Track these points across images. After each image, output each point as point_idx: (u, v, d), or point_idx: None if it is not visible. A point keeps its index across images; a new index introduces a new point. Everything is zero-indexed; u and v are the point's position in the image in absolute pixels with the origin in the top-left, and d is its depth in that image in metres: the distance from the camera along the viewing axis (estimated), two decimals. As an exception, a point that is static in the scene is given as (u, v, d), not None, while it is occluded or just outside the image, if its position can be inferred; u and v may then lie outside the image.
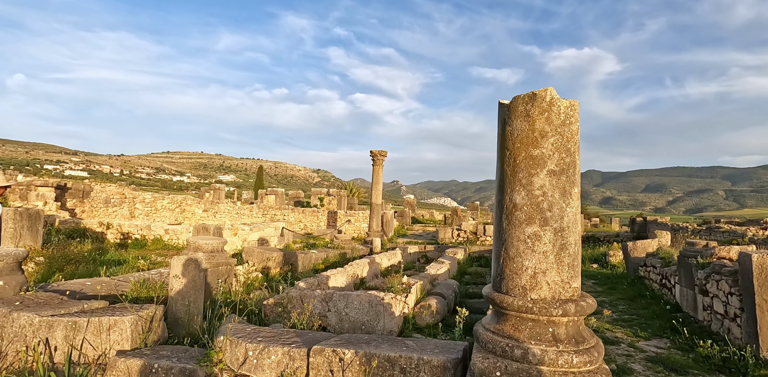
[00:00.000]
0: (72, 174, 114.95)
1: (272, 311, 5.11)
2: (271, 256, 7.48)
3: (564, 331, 1.93)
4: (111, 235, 11.85)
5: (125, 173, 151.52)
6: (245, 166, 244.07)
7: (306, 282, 5.92)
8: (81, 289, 4.29)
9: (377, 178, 12.83)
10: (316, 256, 8.82)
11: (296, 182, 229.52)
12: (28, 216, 7.25)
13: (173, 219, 18.92)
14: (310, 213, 18.00)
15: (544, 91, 1.97)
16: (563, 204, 1.96)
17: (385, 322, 4.69)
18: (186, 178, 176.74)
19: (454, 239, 15.97)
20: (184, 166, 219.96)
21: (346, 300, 4.87)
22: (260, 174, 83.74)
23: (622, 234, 22.95)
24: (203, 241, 5.81)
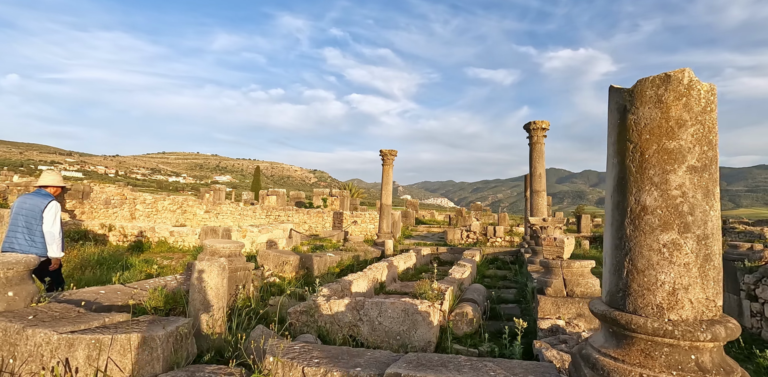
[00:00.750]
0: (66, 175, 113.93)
1: (298, 319, 4.78)
2: (288, 260, 7.15)
3: (709, 359, 1.61)
4: (113, 237, 11.47)
5: (120, 174, 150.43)
6: (241, 167, 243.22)
7: (329, 288, 5.59)
8: (95, 298, 3.95)
9: (387, 178, 12.51)
10: (330, 259, 8.49)
11: (293, 183, 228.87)
12: (31, 218, 6.87)
13: (174, 221, 18.52)
14: (315, 214, 17.66)
15: (680, 71, 1.66)
16: (706, 207, 1.64)
17: (423, 332, 4.37)
18: (182, 178, 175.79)
19: (463, 240, 15.67)
20: (180, 166, 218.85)
21: (379, 309, 4.54)
22: (257, 174, 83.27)
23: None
24: (221, 245, 5.47)
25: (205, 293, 4.15)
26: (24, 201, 4.46)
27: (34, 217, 4.41)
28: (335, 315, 4.67)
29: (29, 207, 4.43)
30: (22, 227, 4.39)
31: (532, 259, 6.71)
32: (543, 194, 9.07)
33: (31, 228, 4.40)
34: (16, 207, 4.46)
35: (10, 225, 4.45)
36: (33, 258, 3.32)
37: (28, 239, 4.39)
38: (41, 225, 4.42)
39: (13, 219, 4.44)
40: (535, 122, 9.06)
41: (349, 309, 4.64)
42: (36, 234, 4.42)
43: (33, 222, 4.41)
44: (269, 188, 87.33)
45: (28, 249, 4.34)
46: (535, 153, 9.21)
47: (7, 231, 4.45)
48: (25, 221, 4.40)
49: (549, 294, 4.15)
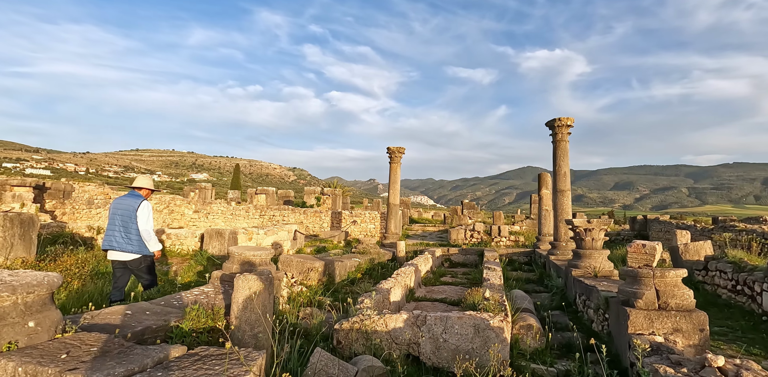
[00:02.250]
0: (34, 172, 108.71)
1: (347, 337, 4.23)
2: (314, 267, 6.56)
3: None
4: (102, 241, 10.57)
5: (91, 172, 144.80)
6: (219, 164, 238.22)
7: (370, 299, 5.05)
8: (124, 321, 3.30)
9: (395, 176, 11.99)
10: (350, 264, 7.93)
11: (271, 180, 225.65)
12: (20, 222, 6.07)
13: (161, 221, 17.53)
14: (312, 214, 16.98)
15: None
16: None
17: (496, 350, 3.89)
18: (156, 176, 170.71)
19: (467, 240, 15.31)
20: (155, 164, 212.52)
21: (444, 324, 4.04)
22: (237, 172, 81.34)
23: (623, 233, 22.94)
24: (251, 253, 4.86)
25: (252, 311, 3.56)
26: (119, 203, 4.80)
27: (129, 217, 4.69)
28: (392, 332, 4.14)
29: (124, 208, 4.73)
30: (119, 226, 4.71)
31: (575, 263, 6.33)
32: (568, 194, 8.73)
33: (126, 226, 4.70)
34: (112, 207, 4.80)
35: (108, 225, 4.79)
36: (56, 277, 2.67)
37: (125, 237, 4.70)
38: (136, 224, 4.70)
39: (110, 218, 4.76)
40: (560, 119, 8.71)
41: (409, 325, 4.13)
42: (131, 233, 4.70)
43: (128, 221, 4.69)
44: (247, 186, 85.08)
45: (125, 246, 4.70)
46: (559, 151, 8.86)
47: (107, 230, 4.82)
48: (121, 220, 4.70)
49: (639, 307, 3.72)
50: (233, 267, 4.86)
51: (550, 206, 11.37)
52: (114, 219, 4.73)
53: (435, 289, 7.75)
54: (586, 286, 5.41)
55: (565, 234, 8.67)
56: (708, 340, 3.64)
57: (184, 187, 30.80)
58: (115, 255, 4.78)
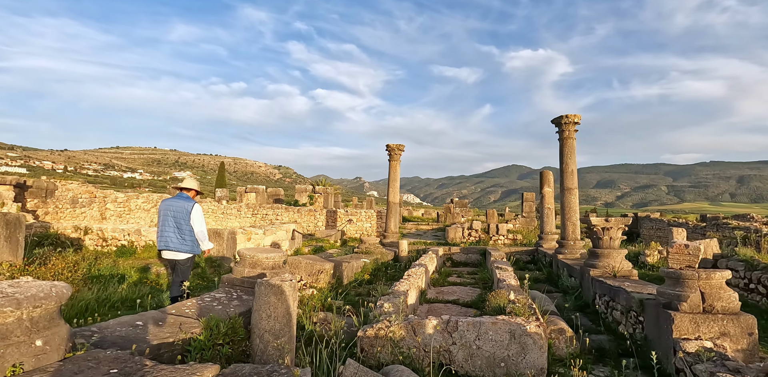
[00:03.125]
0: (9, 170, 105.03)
1: (371, 345, 3.96)
2: (324, 269, 6.25)
3: None
4: (90, 242, 10.07)
5: (69, 169, 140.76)
6: (202, 162, 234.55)
7: (390, 302, 4.79)
8: (136, 334, 2.97)
9: (394, 174, 11.73)
10: (356, 265, 7.65)
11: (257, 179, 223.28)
12: (6, 222, 5.63)
13: (149, 221, 16.95)
14: (306, 212, 16.61)
15: None
16: None
17: (534, 358, 3.67)
18: (138, 174, 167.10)
19: (465, 239, 15.16)
20: (136, 162, 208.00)
21: (477, 330, 3.80)
22: (222, 170, 79.91)
23: (614, 230, 23.15)
24: (263, 255, 4.54)
25: (276, 320, 3.27)
26: (170, 204, 4.89)
27: (182, 218, 4.83)
28: (420, 339, 3.89)
29: (177, 209, 4.86)
30: (172, 227, 4.84)
31: (592, 263, 6.17)
32: (575, 192, 8.60)
33: (180, 227, 4.83)
34: (163, 209, 4.88)
35: (161, 226, 4.86)
36: (64, 288, 2.34)
37: (179, 237, 4.84)
38: (189, 225, 4.87)
39: (163, 220, 4.86)
40: (567, 116, 8.57)
41: (439, 331, 3.88)
42: (185, 233, 4.85)
43: (182, 222, 4.84)
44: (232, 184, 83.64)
45: (180, 246, 4.84)
46: (566, 148, 8.72)
47: (160, 231, 4.87)
48: (174, 221, 4.83)
49: (684, 310, 3.55)
50: (245, 271, 4.54)
51: (552, 204, 11.27)
52: (167, 221, 4.85)
53: (444, 290, 7.53)
54: (610, 287, 5.24)
55: (573, 233, 8.54)
56: (757, 345, 3.49)
57: (167, 185, 29.97)
58: (170, 254, 4.92)
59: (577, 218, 8.54)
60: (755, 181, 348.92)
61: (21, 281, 2.36)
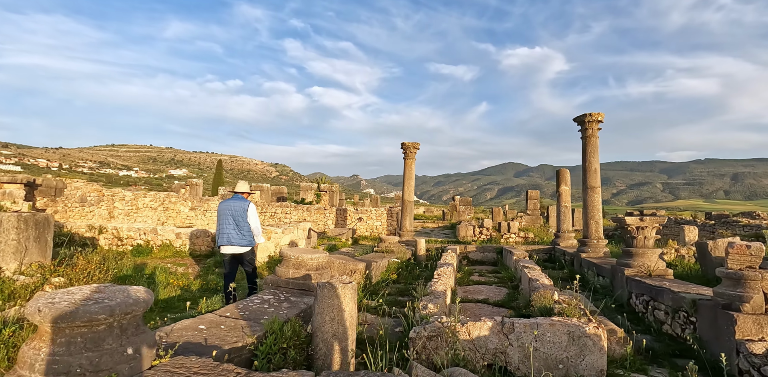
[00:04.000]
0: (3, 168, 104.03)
1: (424, 347, 3.91)
2: (357, 268, 6.18)
3: None
4: (105, 241, 9.95)
5: (64, 167, 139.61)
6: (198, 160, 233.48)
7: (433, 303, 4.74)
8: (206, 338, 2.89)
9: (409, 172, 11.67)
10: (382, 264, 7.58)
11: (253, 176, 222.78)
12: (35, 223, 5.51)
13: (156, 219, 16.80)
14: (315, 211, 16.51)
15: None
16: None
17: (593, 359, 3.63)
18: (134, 172, 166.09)
19: (476, 237, 15.13)
20: (131, 159, 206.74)
21: (534, 332, 3.76)
22: (219, 168, 79.45)
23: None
24: (308, 256, 4.47)
25: (340, 323, 3.21)
26: (229, 205, 5.53)
27: (240, 216, 5.46)
28: (475, 341, 3.83)
29: (235, 208, 5.48)
30: (232, 224, 5.43)
31: (626, 262, 6.14)
32: (598, 190, 8.57)
33: (239, 225, 5.45)
34: (223, 209, 5.50)
35: (221, 224, 5.45)
36: (149, 294, 2.26)
37: (239, 233, 5.45)
38: (246, 222, 5.49)
39: (223, 219, 5.45)
40: (591, 114, 8.52)
41: (495, 332, 3.82)
42: (243, 229, 5.48)
43: (240, 220, 5.46)
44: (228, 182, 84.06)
45: (240, 241, 5.45)
46: (589, 147, 8.68)
47: (220, 229, 5.46)
48: (233, 220, 5.44)
49: (746, 312, 3.51)
50: (289, 272, 4.47)
51: (569, 203, 11.24)
52: (227, 219, 5.45)
53: (470, 289, 7.49)
54: (650, 287, 5.21)
55: (596, 232, 8.51)
56: (822, 346, 3.46)
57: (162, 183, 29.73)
58: (230, 249, 5.47)
59: (600, 217, 8.52)
60: (749, 179, 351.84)
61: (102, 286, 2.28)
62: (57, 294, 2.13)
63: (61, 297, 2.10)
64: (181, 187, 25.64)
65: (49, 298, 2.07)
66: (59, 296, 2.11)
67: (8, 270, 5.26)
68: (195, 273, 7.92)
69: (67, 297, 2.12)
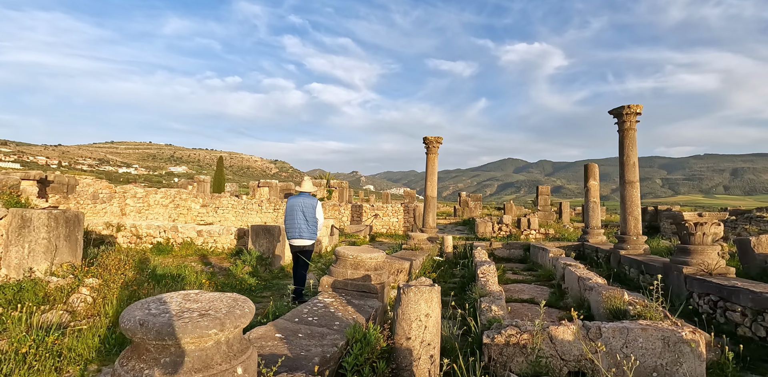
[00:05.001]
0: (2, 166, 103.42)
1: (500, 354, 3.62)
2: (403, 267, 5.90)
3: None
4: (123, 239, 9.65)
5: (64, 165, 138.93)
6: (198, 157, 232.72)
7: (496, 305, 4.45)
8: (289, 349, 2.59)
9: (432, 167, 11.36)
10: (417, 263, 7.29)
11: (253, 173, 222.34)
12: (65, 220, 5.21)
13: (167, 216, 16.50)
14: (330, 207, 16.21)
15: None
16: None
17: (691, 367, 3.35)
18: (133, 169, 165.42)
19: (495, 233, 14.86)
20: (131, 157, 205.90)
21: (624, 337, 3.47)
22: (221, 165, 78.96)
23: (633, 224, 22.94)
24: (367, 256, 4.18)
25: (428, 330, 2.92)
26: (298, 201, 5.92)
27: (310, 212, 5.87)
28: (558, 347, 3.55)
29: (305, 205, 5.88)
30: (302, 219, 5.84)
31: (683, 260, 5.85)
32: (637, 185, 8.28)
33: (308, 219, 5.85)
34: (292, 205, 5.92)
35: (292, 219, 5.85)
36: (250, 303, 1.96)
37: (308, 228, 5.84)
38: (314, 217, 5.89)
39: (293, 214, 5.87)
40: (630, 106, 8.21)
41: (579, 338, 3.54)
42: (311, 224, 5.87)
43: (309, 215, 5.87)
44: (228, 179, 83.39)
45: (310, 235, 5.84)
46: (627, 140, 8.38)
47: (289, 223, 5.88)
48: (303, 215, 5.85)
49: None
50: (347, 272, 4.17)
51: (597, 198, 10.95)
52: (297, 215, 5.86)
53: (511, 288, 7.21)
54: (720, 286, 4.92)
55: (635, 228, 8.23)
56: None
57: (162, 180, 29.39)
58: (300, 242, 5.86)
59: (639, 212, 8.23)
60: (748, 174, 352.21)
61: (200, 293, 1.98)
62: (149, 303, 1.83)
63: (156, 307, 1.80)
64: (188, 183, 25.30)
65: (145, 308, 1.77)
66: (153, 306, 1.81)
67: (39, 270, 4.96)
68: (222, 273, 7.63)
69: (162, 306, 1.82)
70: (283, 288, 6.70)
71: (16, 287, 4.61)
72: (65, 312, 4.27)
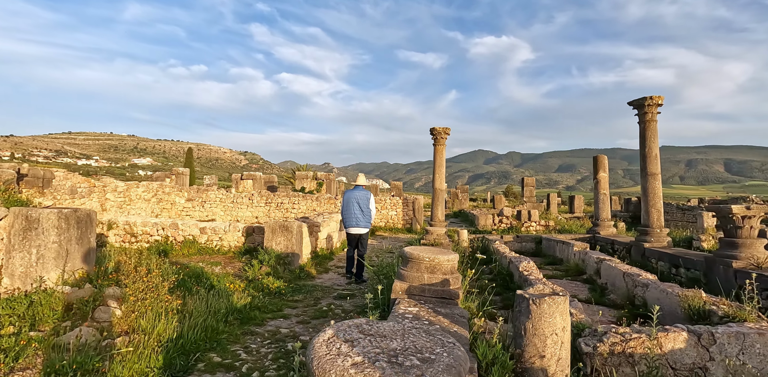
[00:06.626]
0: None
1: (604, 363, 3.32)
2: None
3: None
4: (115, 237, 8.83)
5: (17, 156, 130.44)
6: (163, 149, 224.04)
7: (574, 307, 4.16)
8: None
9: (440, 159, 10.98)
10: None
11: (222, 165, 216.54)
12: (77, 221, 4.52)
13: (149, 211, 15.48)
14: (325, 201, 15.63)
15: None
16: None
17: (813, 373, 3.15)
18: (93, 161, 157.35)
19: (496, 226, 14.74)
20: (91, 148, 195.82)
21: (741, 344, 3.23)
22: (190, 157, 76.09)
23: (618, 214, 23.47)
24: (444, 257, 3.78)
25: (562, 346, 2.56)
26: (354, 194, 6.91)
27: (364, 204, 6.82)
28: (668, 355, 3.28)
29: (361, 197, 6.86)
30: (357, 211, 6.80)
31: (731, 254, 5.75)
32: (659, 177, 8.20)
33: (363, 210, 6.81)
34: (349, 198, 6.91)
35: (349, 210, 6.84)
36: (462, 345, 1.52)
37: (364, 217, 6.84)
38: (368, 208, 6.85)
39: (349, 205, 6.84)
40: (652, 97, 8.08)
41: (691, 345, 3.28)
42: (365, 214, 6.84)
43: (364, 207, 6.82)
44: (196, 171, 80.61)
45: (365, 223, 6.87)
46: (648, 132, 8.27)
47: (347, 213, 6.87)
48: (359, 206, 6.80)
49: None
50: (423, 277, 3.75)
51: (607, 190, 10.92)
52: (353, 206, 6.85)
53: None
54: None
55: (658, 220, 8.17)
56: None
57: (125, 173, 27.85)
58: (357, 230, 6.91)
59: (661, 205, 8.17)
60: (702, 165, 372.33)
61: (361, 323, 1.53)
62: (336, 343, 1.36)
63: (348, 348, 1.34)
64: (165, 176, 24.00)
65: (334, 349, 1.31)
66: (343, 347, 1.34)
67: (50, 280, 4.28)
68: (236, 273, 7.03)
69: (354, 348, 1.36)
70: (314, 290, 6.20)
71: (26, 300, 3.94)
72: (93, 330, 3.65)
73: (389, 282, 5.02)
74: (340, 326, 1.51)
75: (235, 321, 4.48)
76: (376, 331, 1.46)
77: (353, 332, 1.44)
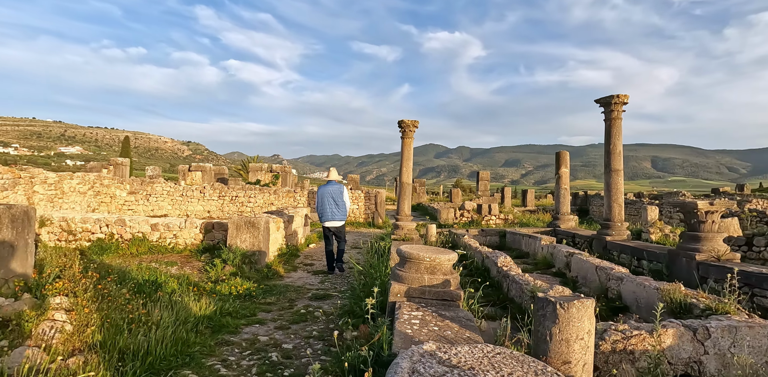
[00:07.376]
0: None
1: (605, 362, 3.28)
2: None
3: None
4: (49, 236, 7.85)
5: None
6: (95, 137, 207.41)
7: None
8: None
9: (407, 152, 10.80)
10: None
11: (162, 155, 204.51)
12: (11, 219, 3.83)
13: (86, 206, 14.07)
14: (285, 194, 14.99)
15: None
16: None
17: (797, 363, 3.29)
18: (13, 149, 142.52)
19: (458, 219, 14.87)
20: (10, 134, 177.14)
21: (732, 337, 3.30)
22: (127, 146, 71.09)
23: (566, 208, 24.65)
24: (445, 257, 3.56)
25: (590, 351, 2.43)
26: (328, 189, 7.09)
27: (338, 197, 7.05)
28: (666, 351, 3.29)
29: (334, 191, 7.07)
30: (333, 205, 7.04)
31: (694, 247, 6.05)
32: (621, 173, 8.53)
33: (337, 204, 7.05)
34: (323, 193, 7.07)
35: (324, 205, 7.04)
36: None
37: (339, 211, 7.08)
38: (343, 201, 7.07)
39: (324, 200, 7.04)
40: (618, 96, 8.36)
41: (688, 340, 3.31)
42: (340, 207, 7.09)
43: (338, 200, 7.04)
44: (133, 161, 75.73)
45: (340, 217, 7.10)
46: (614, 129, 8.56)
47: (322, 207, 7.05)
48: (333, 200, 7.02)
49: None
50: (423, 278, 3.52)
51: (568, 185, 11.29)
52: (327, 200, 7.01)
53: (518, 279, 7.03)
54: (747, 272, 5.09)
55: (619, 214, 8.52)
56: None
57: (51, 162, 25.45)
58: (332, 224, 7.06)
59: (622, 200, 8.52)
60: (632, 162, 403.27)
61: (433, 349, 1.25)
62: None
63: None
64: (102, 166, 22.02)
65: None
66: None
67: (-22, 290, 3.59)
68: (195, 274, 6.45)
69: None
70: (286, 291, 5.79)
71: (-53, 316, 3.26)
72: (38, 350, 3.08)
73: (373, 281, 4.75)
74: (412, 356, 1.23)
75: (206, 330, 4.01)
76: (458, 361, 1.20)
77: (433, 364, 1.17)
